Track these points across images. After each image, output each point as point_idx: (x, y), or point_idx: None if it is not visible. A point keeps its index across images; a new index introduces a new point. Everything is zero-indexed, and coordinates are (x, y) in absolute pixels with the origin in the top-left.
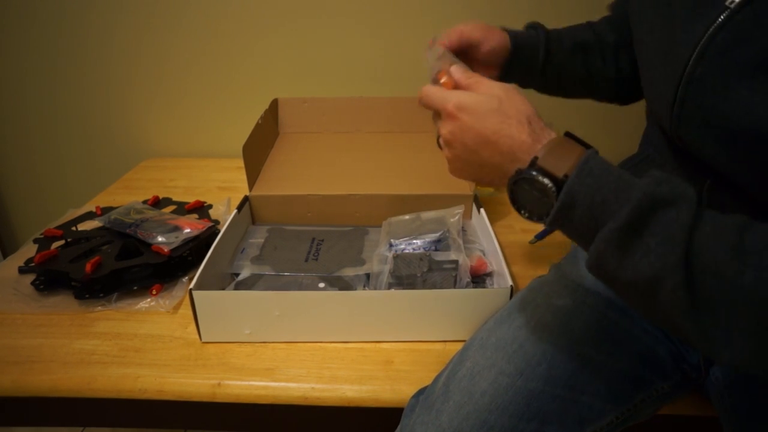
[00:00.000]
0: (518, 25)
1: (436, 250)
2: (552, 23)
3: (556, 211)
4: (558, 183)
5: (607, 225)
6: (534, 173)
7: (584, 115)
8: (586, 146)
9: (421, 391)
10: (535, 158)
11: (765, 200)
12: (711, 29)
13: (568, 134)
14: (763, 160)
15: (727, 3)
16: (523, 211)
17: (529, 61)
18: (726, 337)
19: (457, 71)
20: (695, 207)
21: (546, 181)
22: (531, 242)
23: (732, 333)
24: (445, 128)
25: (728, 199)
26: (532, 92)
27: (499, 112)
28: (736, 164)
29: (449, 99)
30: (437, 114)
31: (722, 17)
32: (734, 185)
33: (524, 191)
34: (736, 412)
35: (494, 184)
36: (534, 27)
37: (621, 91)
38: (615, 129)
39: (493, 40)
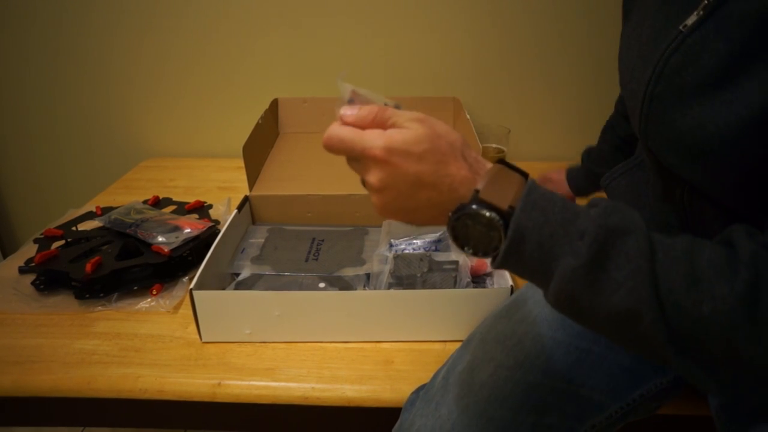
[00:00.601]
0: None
1: (436, 250)
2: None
3: (507, 247)
4: (503, 215)
5: (563, 261)
6: (476, 207)
7: (584, 119)
8: (522, 173)
9: (420, 387)
10: (477, 191)
11: (733, 205)
12: (666, 51)
13: (501, 161)
14: (717, 171)
15: (680, 27)
16: (466, 248)
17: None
18: (704, 368)
19: (365, 106)
20: (647, 233)
21: (491, 214)
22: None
23: (707, 364)
24: (374, 175)
25: (706, 203)
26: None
27: (433, 151)
28: (697, 175)
29: (374, 142)
30: (355, 158)
31: (676, 40)
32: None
33: (467, 227)
34: (726, 411)
35: (427, 224)
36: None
37: None
38: None
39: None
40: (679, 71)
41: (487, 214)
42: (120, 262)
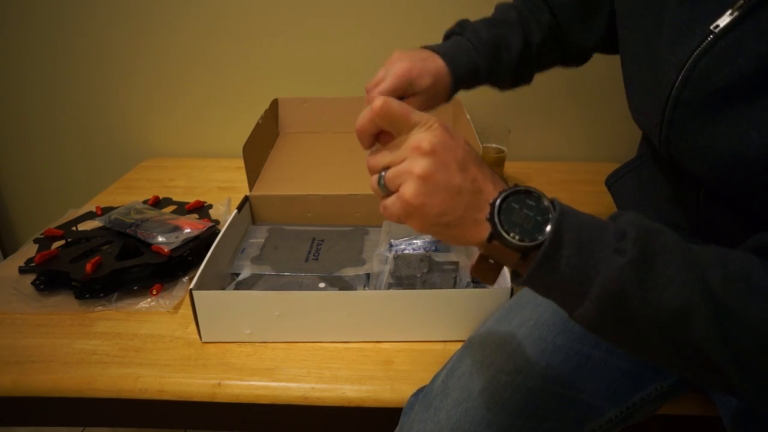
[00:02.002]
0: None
1: (436, 250)
2: None
3: (545, 249)
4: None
5: (608, 261)
6: (524, 187)
7: (584, 119)
8: None
9: (420, 390)
10: (516, 185)
11: (756, 210)
12: (695, 53)
13: None
14: (752, 178)
15: (711, 27)
16: (512, 234)
17: (472, 81)
18: (752, 371)
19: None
20: (680, 237)
21: (540, 193)
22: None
23: (751, 367)
24: (427, 139)
25: (724, 206)
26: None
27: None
28: (724, 183)
29: (430, 117)
30: (404, 129)
31: (706, 42)
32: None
33: (512, 211)
34: (741, 415)
35: (461, 218)
36: (471, 43)
37: (541, 65)
38: (616, 132)
39: (428, 75)
40: (710, 76)
41: (534, 191)
42: (120, 262)
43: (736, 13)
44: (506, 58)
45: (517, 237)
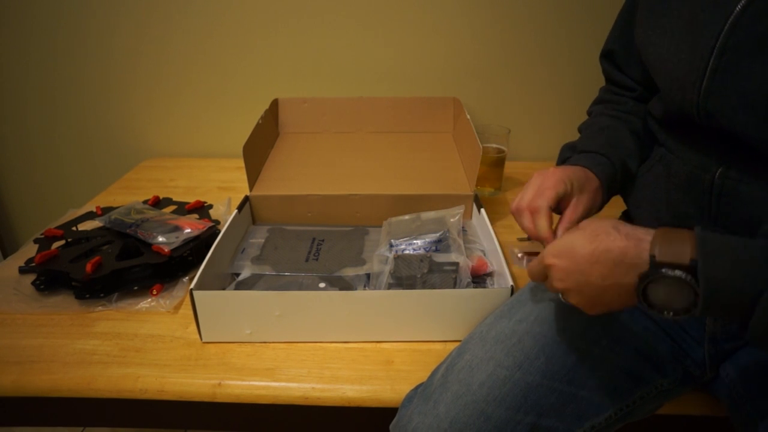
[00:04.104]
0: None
1: (436, 250)
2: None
3: (704, 300)
4: (689, 270)
5: (763, 297)
6: (662, 271)
7: (585, 117)
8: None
9: (419, 384)
10: (652, 257)
11: None
12: (743, 1)
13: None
14: None
15: None
16: (666, 312)
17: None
18: None
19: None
20: None
21: (677, 272)
22: (520, 239)
23: None
24: (554, 280)
25: (740, 186)
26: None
27: (584, 237)
28: (766, 132)
29: (542, 256)
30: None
31: None
32: (745, 171)
33: (658, 293)
34: (752, 423)
35: (626, 304)
36: (610, 161)
37: None
38: None
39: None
40: (761, 18)
41: (672, 273)
42: (120, 262)
43: None
44: (627, 152)
45: (671, 314)
